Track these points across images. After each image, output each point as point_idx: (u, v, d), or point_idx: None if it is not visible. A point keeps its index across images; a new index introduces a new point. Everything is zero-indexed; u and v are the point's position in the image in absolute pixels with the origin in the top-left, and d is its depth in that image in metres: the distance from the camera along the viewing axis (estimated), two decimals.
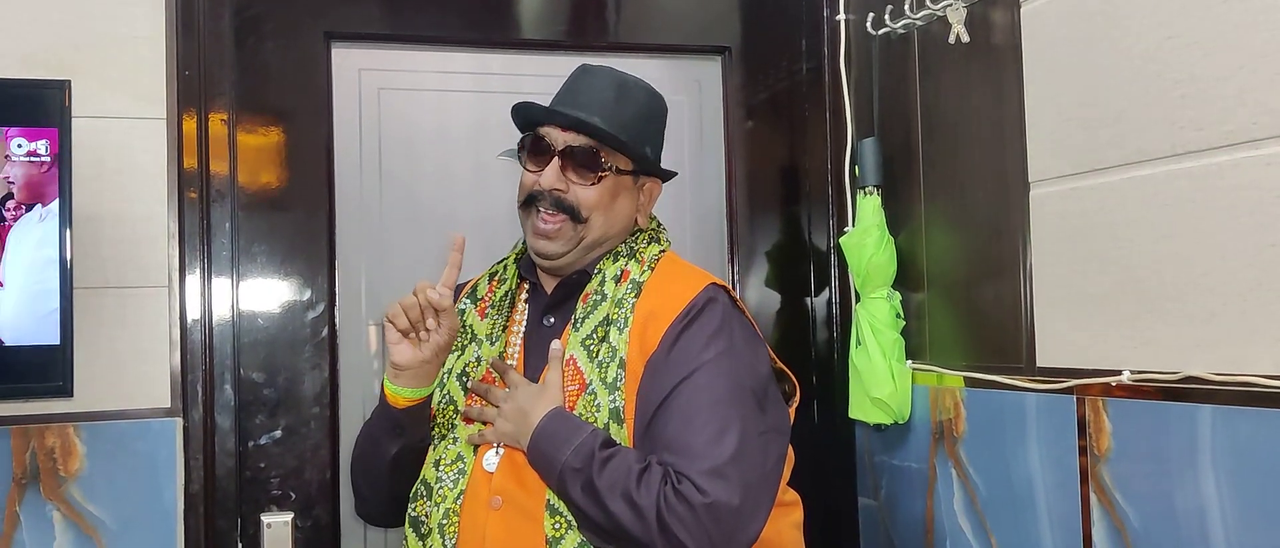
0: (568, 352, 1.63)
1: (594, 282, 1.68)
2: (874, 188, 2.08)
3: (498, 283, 1.75)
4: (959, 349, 1.95)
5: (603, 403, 1.58)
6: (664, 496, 1.46)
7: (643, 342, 1.60)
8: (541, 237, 1.65)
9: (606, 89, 1.69)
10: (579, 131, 1.65)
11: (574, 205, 1.65)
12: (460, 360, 1.69)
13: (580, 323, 1.65)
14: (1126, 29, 1.57)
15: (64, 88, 1.70)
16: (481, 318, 1.72)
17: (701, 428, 1.51)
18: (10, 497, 1.83)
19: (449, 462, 1.63)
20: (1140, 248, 1.55)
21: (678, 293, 1.63)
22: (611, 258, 1.70)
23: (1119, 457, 1.59)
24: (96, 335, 1.86)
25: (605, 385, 1.59)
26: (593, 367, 1.61)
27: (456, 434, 1.64)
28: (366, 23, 2.11)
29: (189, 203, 1.96)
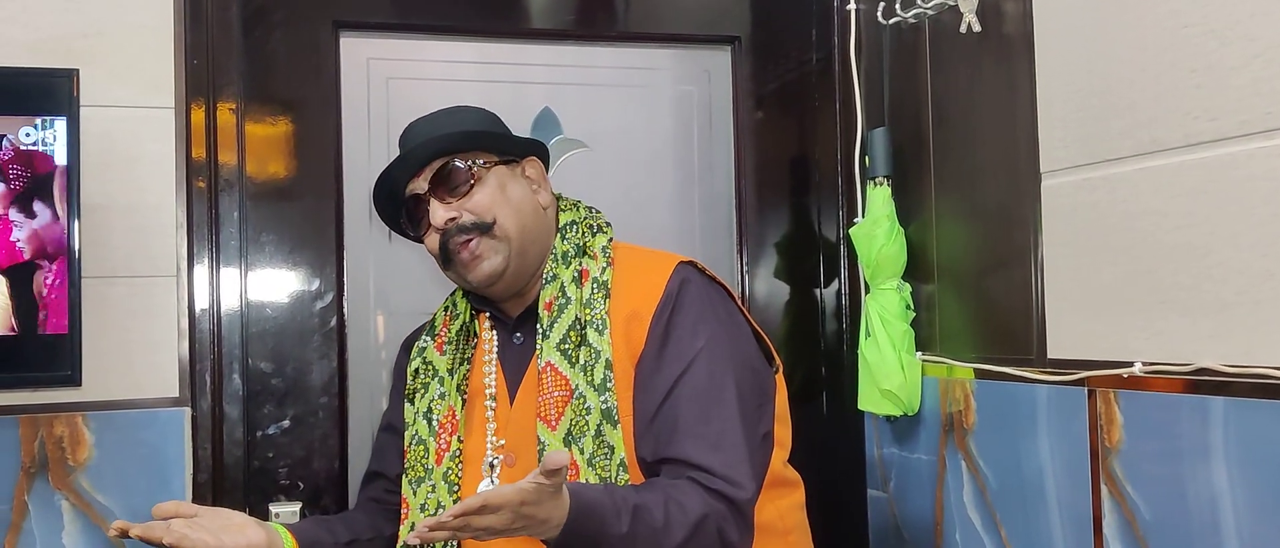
0: (544, 358, 1.59)
1: (552, 288, 1.63)
2: (884, 178, 2.07)
3: (450, 318, 1.74)
4: (969, 341, 1.94)
5: (593, 405, 1.56)
6: (709, 506, 1.46)
7: (629, 341, 1.59)
8: (473, 263, 1.60)
9: (426, 124, 1.67)
10: (427, 163, 1.61)
11: (475, 219, 1.60)
12: (425, 399, 1.69)
13: (549, 330, 1.61)
14: (1140, 18, 1.55)
15: (72, 77, 1.70)
16: (441, 354, 1.71)
17: (712, 423, 1.52)
18: (19, 486, 1.83)
19: (432, 511, 1.61)
20: (1153, 239, 1.54)
21: (651, 284, 1.62)
22: (561, 262, 1.65)
23: (1130, 449, 1.58)
24: (105, 325, 1.86)
25: (593, 388, 1.56)
26: (575, 371, 1.58)
27: (433, 480, 1.63)
28: (375, 12, 2.10)
29: (197, 192, 1.96)
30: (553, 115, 2.22)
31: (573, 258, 1.66)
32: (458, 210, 1.60)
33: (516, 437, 1.62)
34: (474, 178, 1.62)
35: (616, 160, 2.25)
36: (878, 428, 2.20)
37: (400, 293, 2.12)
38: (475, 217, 1.61)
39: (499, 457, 1.62)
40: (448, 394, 1.66)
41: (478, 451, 1.64)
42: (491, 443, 1.63)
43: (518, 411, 1.63)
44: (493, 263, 1.61)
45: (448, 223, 1.60)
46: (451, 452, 1.63)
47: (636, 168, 2.26)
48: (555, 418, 1.57)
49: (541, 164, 1.72)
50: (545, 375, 1.58)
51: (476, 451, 1.64)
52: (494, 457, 1.63)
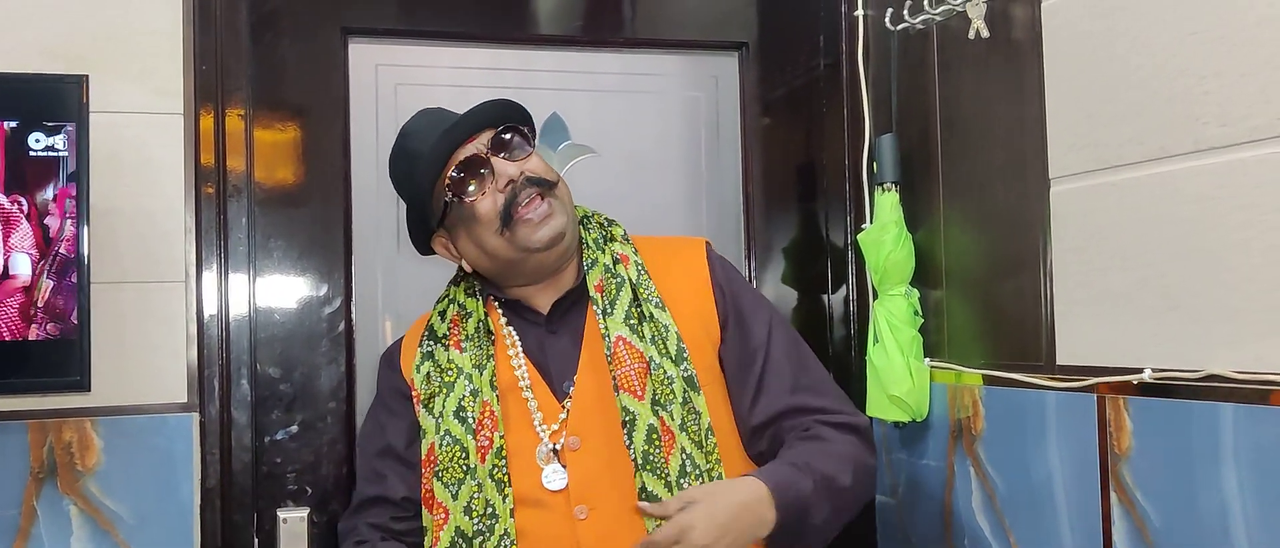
0: (613, 333, 1.63)
1: (597, 272, 1.68)
2: (892, 184, 2.07)
3: (460, 318, 1.71)
4: (978, 347, 1.94)
5: (673, 374, 1.61)
6: (847, 441, 1.65)
7: (699, 313, 1.69)
8: (542, 223, 1.62)
9: (440, 113, 1.72)
10: (486, 126, 1.65)
11: (540, 175, 1.65)
12: (453, 398, 1.65)
13: (612, 308, 1.65)
14: (1149, 24, 1.55)
15: (82, 82, 1.70)
16: (460, 351, 1.68)
17: (811, 372, 1.73)
18: (28, 491, 1.83)
19: (480, 511, 1.59)
20: (1162, 245, 1.54)
21: (690, 260, 1.75)
22: (595, 248, 1.71)
23: (1140, 455, 1.58)
24: (114, 330, 1.87)
25: (670, 359, 1.62)
26: (646, 344, 1.62)
27: (478, 478, 1.60)
28: (383, 18, 2.10)
29: (206, 198, 1.96)
30: (561, 120, 2.22)
31: (604, 245, 1.73)
32: (523, 171, 1.64)
33: (583, 419, 1.63)
34: (531, 146, 1.67)
35: (624, 166, 2.25)
36: (886, 434, 2.20)
37: (408, 299, 2.12)
38: (540, 174, 1.65)
39: (555, 444, 1.62)
40: (481, 390, 1.63)
41: (523, 444, 1.63)
42: (544, 432, 1.63)
43: (581, 394, 1.65)
44: (561, 221, 1.64)
45: (518, 176, 1.62)
46: (495, 448, 1.61)
47: (644, 173, 2.26)
48: (639, 389, 1.60)
49: None
50: (619, 350, 1.62)
51: (522, 444, 1.63)
52: (551, 443, 1.62)
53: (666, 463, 1.58)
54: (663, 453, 1.58)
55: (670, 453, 1.59)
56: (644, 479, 1.57)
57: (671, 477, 1.58)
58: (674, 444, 1.59)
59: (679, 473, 1.58)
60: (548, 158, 2.19)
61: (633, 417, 1.59)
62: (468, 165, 1.63)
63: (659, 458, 1.58)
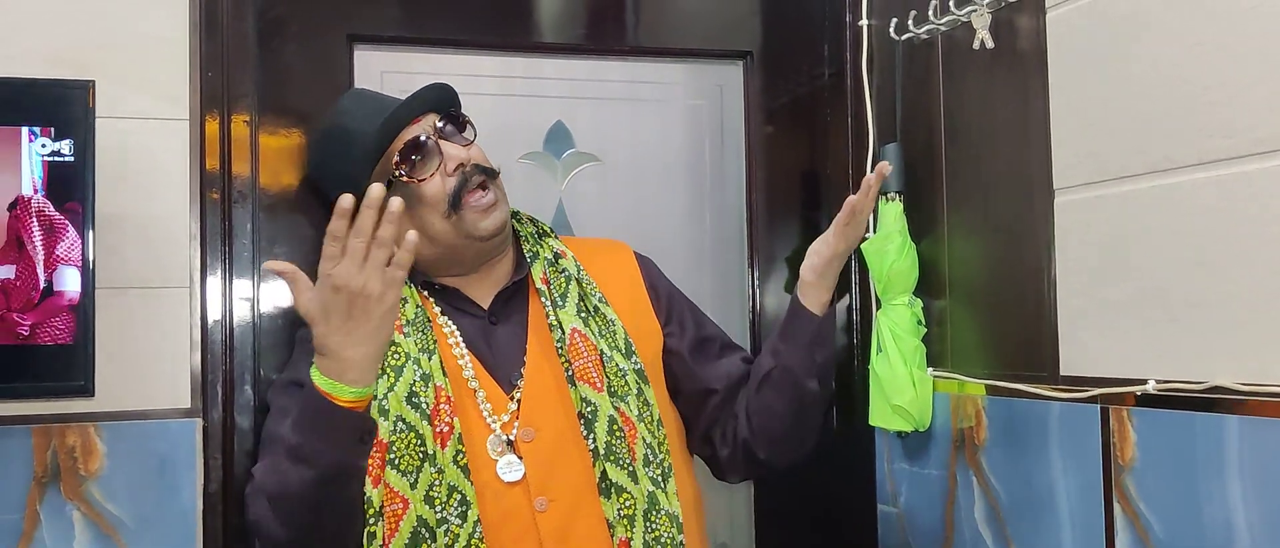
0: (567, 325, 1.65)
1: (539, 265, 1.71)
2: (896, 194, 2.07)
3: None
4: (981, 357, 1.94)
5: (625, 368, 1.64)
6: None
7: (632, 307, 1.74)
8: (489, 211, 1.64)
9: (377, 96, 1.76)
10: (433, 109, 1.68)
11: (485, 164, 1.67)
12: (403, 382, 1.58)
13: (562, 301, 1.67)
14: (1154, 36, 1.56)
15: (88, 88, 1.71)
16: (403, 336, 1.63)
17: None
18: (31, 495, 1.83)
19: (444, 497, 1.55)
20: (1167, 256, 1.54)
21: (620, 260, 1.83)
22: (533, 241, 1.75)
23: (1144, 467, 1.58)
24: (118, 335, 1.87)
25: (620, 352, 1.65)
26: (598, 338, 1.65)
27: (439, 463, 1.56)
28: (389, 25, 2.11)
29: (211, 204, 1.96)
30: (565, 128, 2.22)
31: (539, 239, 1.76)
32: (469, 154, 1.65)
33: (535, 411, 1.63)
34: (474, 131, 1.69)
35: (628, 174, 2.25)
36: (888, 444, 2.20)
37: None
38: (484, 163, 1.67)
39: (510, 433, 1.61)
40: (432, 375, 1.59)
41: (472, 431, 1.61)
42: (494, 421, 1.62)
43: (531, 386, 1.64)
44: (504, 211, 1.67)
45: (468, 161, 1.63)
46: (455, 433, 1.58)
47: (648, 181, 2.26)
48: (599, 380, 1.62)
49: None
50: (575, 341, 1.63)
51: (471, 432, 1.61)
52: (503, 434, 1.61)
53: (631, 452, 1.60)
54: (626, 443, 1.60)
55: (634, 442, 1.61)
56: (605, 467, 1.59)
57: (635, 466, 1.60)
58: (635, 434, 1.61)
59: (643, 462, 1.61)
60: (551, 166, 2.20)
61: (594, 408, 1.60)
62: (417, 146, 1.63)
63: (622, 448, 1.60)
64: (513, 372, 1.67)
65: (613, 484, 1.58)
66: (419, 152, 1.64)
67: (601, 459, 1.60)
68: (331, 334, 1.42)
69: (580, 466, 1.61)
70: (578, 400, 1.62)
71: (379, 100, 1.72)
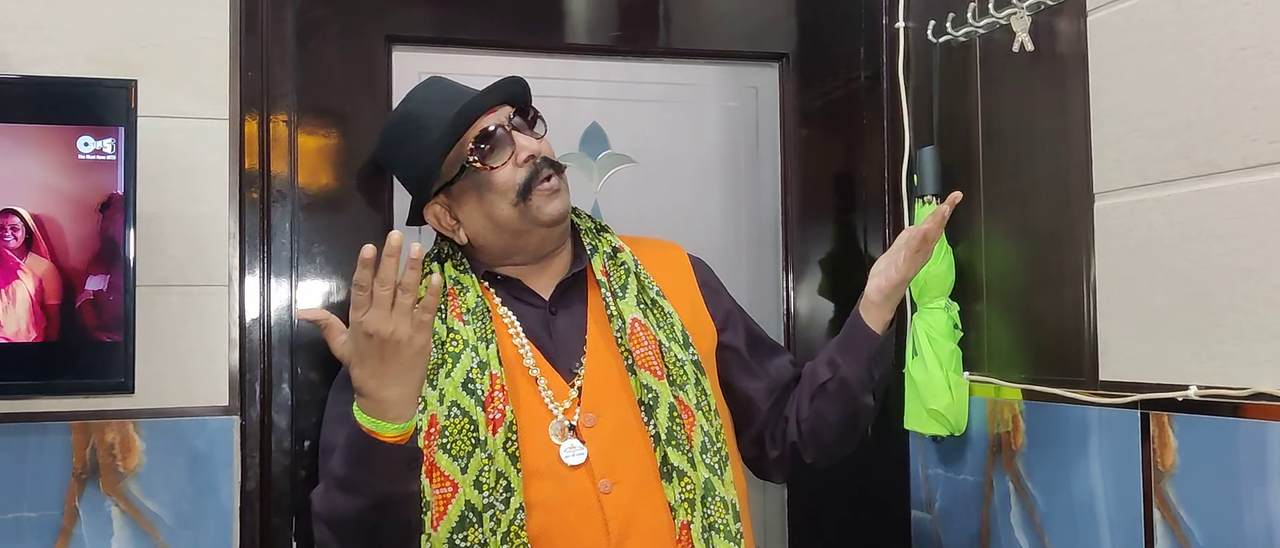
0: (627, 316, 1.68)
1: (599, 258, 1.74)
2: (933, 197, 2.06)
3: (457, 292, 1.70)
4: (1018, 362, 1.93)
5: (684, 358, 1.67)
6: None
7: (686, 305, 1.77)
8: (554, 196, 1.67)
9: (454, 85, 1.76)
10: (508, 100, 1.71)
11: (554, 158, 1.71)
12: (460, 368, 1.60)
13: (622, 292, 1.71)
14: (1197, 39, 1.55)
15: (130, 87, 1.72)
16: (463, 323, 1.65)
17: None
18: (71, 491, 1.85)
19: (492, 483, 1.56)
20: (1209, 261, 1.53)
21: (674, 257, 1.85)
22: (593, 235, 1.78)
23: (1185, 473, 1.57)
24: (157, 333, 1.88)
25: (679, 343, 1.68)
26: (656, 329, 1.68)
27: (489, 449, 1.57)
28: (426, 26, 2.12)
29: (250, 203, 1.97)
30: (600, 130, 2.23)
31: (598, 233, 1.79)
32: (542, 148, 1.70)
33: (597, 398, 1.65)
34: (545, 126, 1.74)
35: (663, 175, 2.25)
36: (923, 448, 2.19)
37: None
38: (552, 156, 1.71)
39: (572, 419, 1.63)
40: (488, 363, 1.61)
41: (536, 419, 1.62)
42: (556, 408, 1.64)
43: (592, 374, 1.67)
44: (567, 199, 1.71)
45: (539, 153, 1.67)
46: (507, 421, 1.58)
47: (683, 183, 2.26)
48: (659, 368, 1.65)
49: None
50: (635, 331, 1.67)
51: (534, 420, 1.62)
52: (565, 420, 1.63)
53: (690, 438, 1.63)
54: (685, 429, 1.63)
55: (692, 429, 1.64)
56: (666, 452, 1.61)
57: (694, 452, 1.63)
58: (694, 422, 1.64)
59: (701, 449, 1.63)
60: (588, 167, 2.21)
61: (655, 395, 1.63)
62: (490, 136, 1.67)
63: (681, 434, 1.63)
64: (573, 360, 1.68)
65: (674, 468, 1.60)
66: (492, 141, 1.67)
67: (662, 444, 1.61)
68: (368, 378, 1.45)
69: (643, 450, 1.63)
70: (638, 388, 1.64)
71: (454, 89, 1.74)
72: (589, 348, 1.69)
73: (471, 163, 1.66)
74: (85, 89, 1.73)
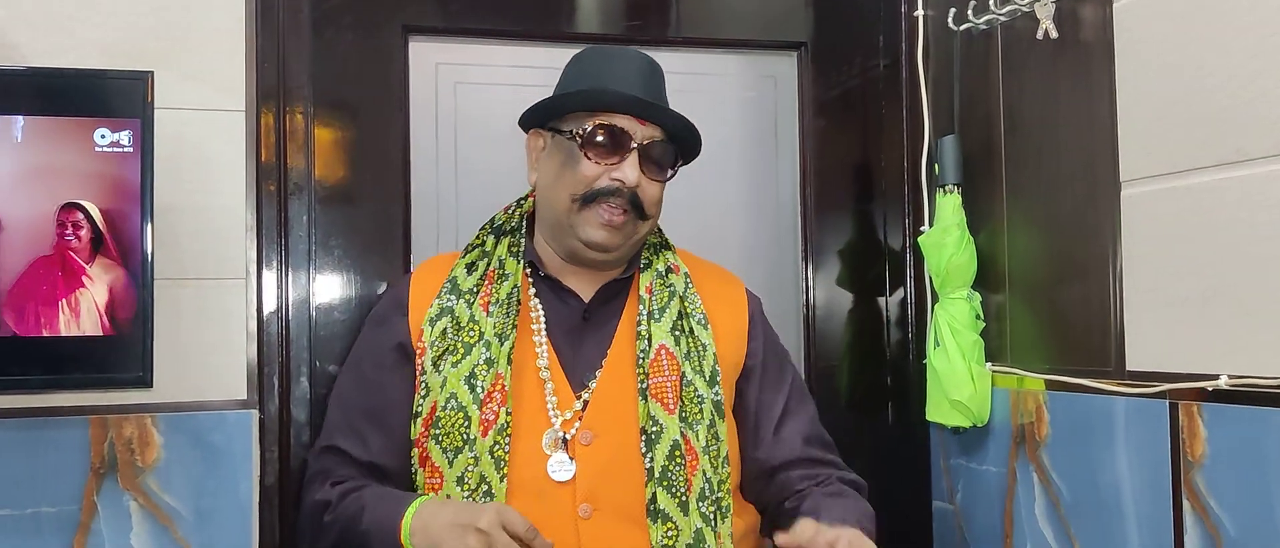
0: (656, 340, 1.61)
1: (649, 275, 1.69)
2: (954, 186, 2.05)
3: (495, 278, 1.67)
4: (1041, 352, 1.91)
5: (705, 396, 1.60)
6: (867, 505, 1.70)
7: (728, 343, 1.69)
8: (607, 228, 1.60)
9: (655, 74, 1.68)
10: (654, 123, 1.62)
11: (642, 203, 1.62)
12: (468, 362, 1.60)
13: (659, 314, 1.64)
14: (1226, 25, 1.53)
15: (146, 79, 1.70)
16: (486, 314, 1.63)
17: (822, 431, 1.78)
18: (89, 486, 1.84)
19: (473, 485, 1.54)
20: (1239, 250, 1.51)
21: (733, 295, 1.78)
22: (653, 251, 1.73)
23: (1215, 463, 1.55)
24: (175, 327, 1.87)
25: (704, 379, 1.61)
26: (684, 359, 1.61)
27: (475, 451, 1.55)
28: (444, 17, 2.10)
29: (267, 195, 1.96)
30: None
31: (660, 251, 1.74)
32: (639, 184, 1.61)
33: (600, 416, 1.60)
34: (668, 176, 1.67)
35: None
36: (943, 439, 2.18)
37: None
38: (644, 201, 1.63)
39: (568, 432, 1.59)
40: (496, 361, 1.58)
41: (532, 425, 1.59)
42: (556, 417, 1.60)
43: (602, 391, 1.62)
44: (620, 242, 1.63)
45: (632, 187, 1.60)
46: (499, 425, 1.56)
47: (701, 173, 2.22)
48: (672, 402, 1.58)
49: None
50: (659, 358, 1.61)
51: (530, 425, 1.59)
52: (562, 432, 1.59)
53: (689, 483, 1.57)
54: (685, 472, 1.57)
55: (693, 473, 1.57)
56: (656, 491, 1.56)
57: (689, 497, 1.56)
58: (697, 466, 1.58)
59: (698, 495, 1.57)
60: None
61: (660, 428, 1.57)
62: (615, 136, 1.61)
63: (679, 475, 1.56)
64: (587, 372, 1.64)
65: (660, 511, 1.54)
66: (608, 137, 1.61)
67: (655, 482, 1.56)
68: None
69: (634, 482, 1.57)
70: (644, 416, 1.58)
71: (653, 84, 1.68)
72: (608, 363, 1.64)
73: (577, 133, 1.62)
74: (101, 81, 1.71)
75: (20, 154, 1.62)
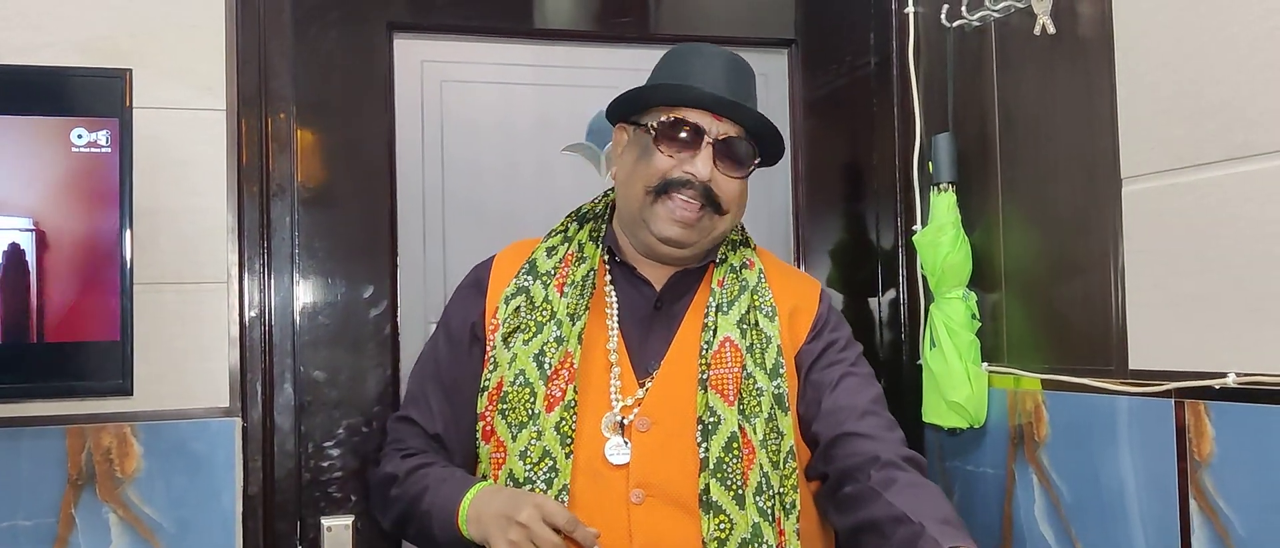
0: (721, 332, 1.62)
1: (723, 269, 1.69)
2: (949, 184, 2.02)
3: (573, 261, 1.69)
4: (1039, 351, 1.89)
5: (765, 389, 1.60)
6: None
7: (792, 333, 1.68)
8: (679, 224, 1.62)
9: (725, 71, 1.66)
10: (731, 120, 1.62)
11: (718, 198, 1.63)
12: (538, 340, 1.62)
13: (728, 307, 1.65)
14: (1230, 17, 1.51)
15: (124, 77, 1.65)
16: (561, 295, 1.65)
17: (885, 410, 1.70)
18: (66, 498, 1.78)
19: (536, 459, 1.56)
20: (1246, 246, 1.49)
21: (806, 290, 1.77)
22: (730, 247, 1.72)
23: (1222, 463, 1.53)
24: (155, 333, 1.81)
25: (765, 372, 1.61)
26: (747, 353, 1.61)
27: (539, 425, 1.57)
28: (429, 14, 2.05)
29: (249, 197, 1.91)
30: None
31: (739, 247, 1.74)
32: (714, 179, 1.62)
33: (659, 403, 1.61)
34: (746, 172, 1.66)
35: None
36: (939, 441, 2.15)
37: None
38: (721, 196, 1.63)
39: (627, 417, 1.60)
40: (567, 340, 1.61)
41: (596, 406, 1.61)
42: (618, 402, 1.61)
43: (663, 380, 1.63)
44: (695, 238, 1.64)
45: (705, 179, 1.61)
46: (566, 401, 1.58)
47: None
48: (732, 394, 1.59)
49: None
50: (724, 350, 1.62)
51: (594, 406, 1.61)
52: (621, 417, 1.60)
53: (745, 477, 1.56)
54: (741, 465, 1.56)
55: (750, 466, 1.57)
56: (710, 483, 1.55)
57: (746, 491, 1.55)
58: (754, 459, 1.57)
59: (755, 489, 1.56)
60: (594, 158, 2.16)
61: (717, 420, 1.57)
62: (693, 132, 1.62)
63: (735, 468, 1.56)
64: (652, 360, 1.65)
65: (712, 502, 1.54)
66: (684, 131, 1.62)
67: (708, 473, 1.56)
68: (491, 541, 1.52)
69: (688, 471, 1.57)
70: (702, 407, 1.59)
71: (741, 83, 1.68)
72: (671, 352, 1.65)
73: (652, 127, 1.63)
74: (78, 79, 1.66)
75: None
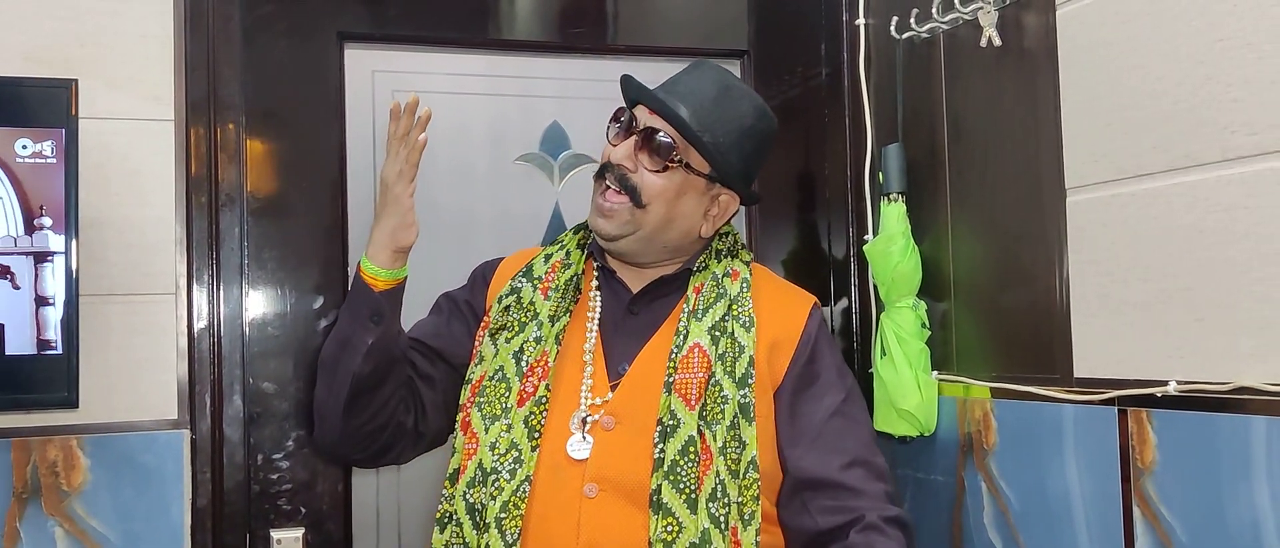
0: (692, 338, 1.64)
1: (703, 276, 1.71)
2: (898, 194, 2.04)
3: (561, 266, 1.72)
4: (988, 359, 1.91)
5: (730, 396, 1.60)
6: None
7: (770, 362, 1.66)
8: (599, 213, 1.66)
9: (708, 86, 1.69)
10: (665, 118, 1.66)
11: (636, 188, 1.65)
12: (519, 338, 1.66)
13: (701, 313, 1.66)
14: (1173, 31, 1.53)
15: (70, 87, 1.64)
16: (544, 298, 1.69)
17: (877, 456, 1.69)
18: (11, 512, 1.76)
19: (503, 450, 1.59)
20: (1188, 255, 1.51)
21: (793, 312, 1.73)
22: (713, 257, 1.73)
23: (1165, 470, 1.55)
24: (101, 345, 1.80)
25: (733, 380, 1.61)
26: (716, 359, 1.62)
27: (510, 419, 1.61)
28: (380, 24, 2.05)
29: (197, 207, 1.90)
30: (561, 129, 2.18)
31: (724, 258, 1.75)
32: (635, 167, 1.66)
33: (625, 404, 1.63)
34: (668, 166, 1.66)
35: None
36: (891, 449, 2.16)
37: (405, 311, 2.06)
38: (639, 187, 1.65)
39: (594, 416, 1.63)
40: (544, 340, 1.66)
41: (566, 404, 1.64)
42: (586, 401, 1.64)
43: (632, 380, 1.65)
44: (616, 227, 1.67)
45: (619, 165, 1.66)
46: (537, 397, 1.62)
47: None
48: (695, 397, 1.60)
49: (735, 208, 1.76)
50: (692, 354, 1.63)
51: (565, 403, 1.64)
52: (588, 415, 1.63)
53: (699, 481, 1.56)
54: (697, 469, 1.57)
55: (706, 472, 1.57)
56: (661, 483, 1.56)
57: (698, 496, 1.56)
58: (709, 467, 1.58)
59: (708, 495, 1.56)
60: (547, 167, 2.16)
61: (676, 422, 1.58)
62: (628, 118, 1.69)
63: (690, 472, 1.56)
64: (624, 362, 1.67)
65: (662, 503, 1.55)
66: (622, 125, 1.69)
67: (661, 474, 1.56)
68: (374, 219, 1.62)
69: (641, 470, 1.58)
70: (664, 409, 1.60)
71: (682, 80, 1.72)
72: (643, 355, 1.67)
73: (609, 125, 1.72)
74: (22, 89, 1.65)
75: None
